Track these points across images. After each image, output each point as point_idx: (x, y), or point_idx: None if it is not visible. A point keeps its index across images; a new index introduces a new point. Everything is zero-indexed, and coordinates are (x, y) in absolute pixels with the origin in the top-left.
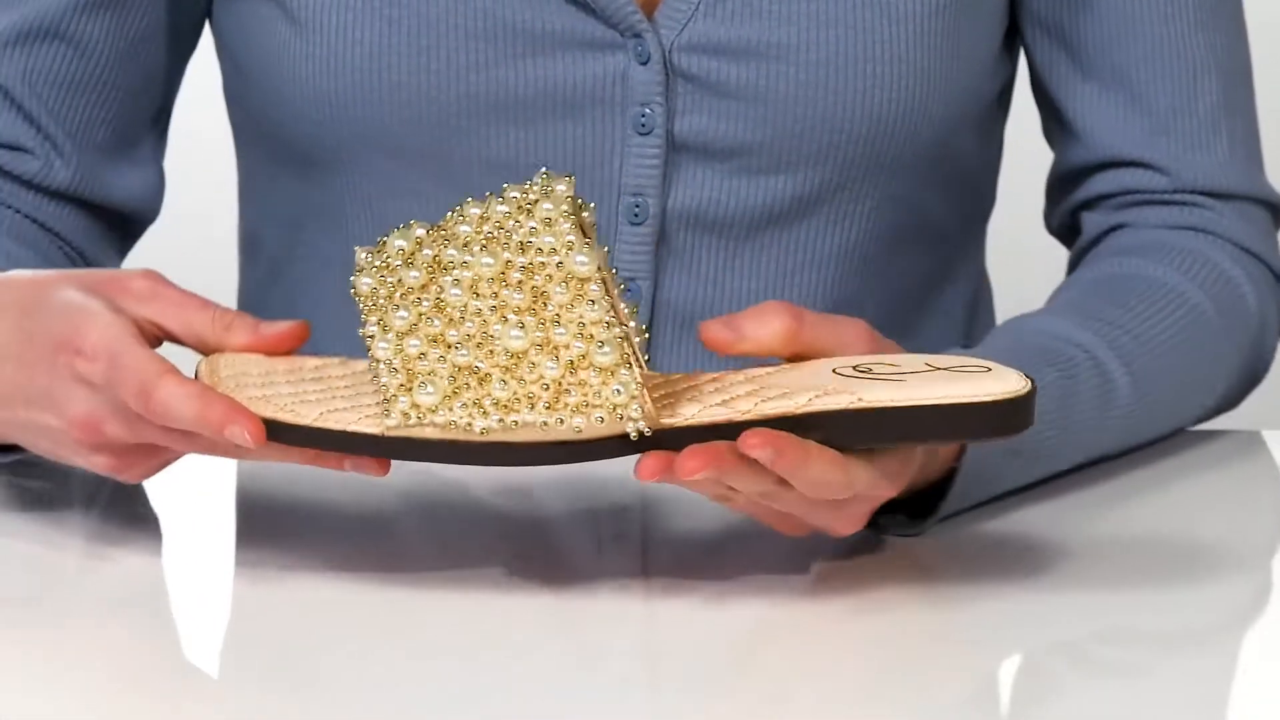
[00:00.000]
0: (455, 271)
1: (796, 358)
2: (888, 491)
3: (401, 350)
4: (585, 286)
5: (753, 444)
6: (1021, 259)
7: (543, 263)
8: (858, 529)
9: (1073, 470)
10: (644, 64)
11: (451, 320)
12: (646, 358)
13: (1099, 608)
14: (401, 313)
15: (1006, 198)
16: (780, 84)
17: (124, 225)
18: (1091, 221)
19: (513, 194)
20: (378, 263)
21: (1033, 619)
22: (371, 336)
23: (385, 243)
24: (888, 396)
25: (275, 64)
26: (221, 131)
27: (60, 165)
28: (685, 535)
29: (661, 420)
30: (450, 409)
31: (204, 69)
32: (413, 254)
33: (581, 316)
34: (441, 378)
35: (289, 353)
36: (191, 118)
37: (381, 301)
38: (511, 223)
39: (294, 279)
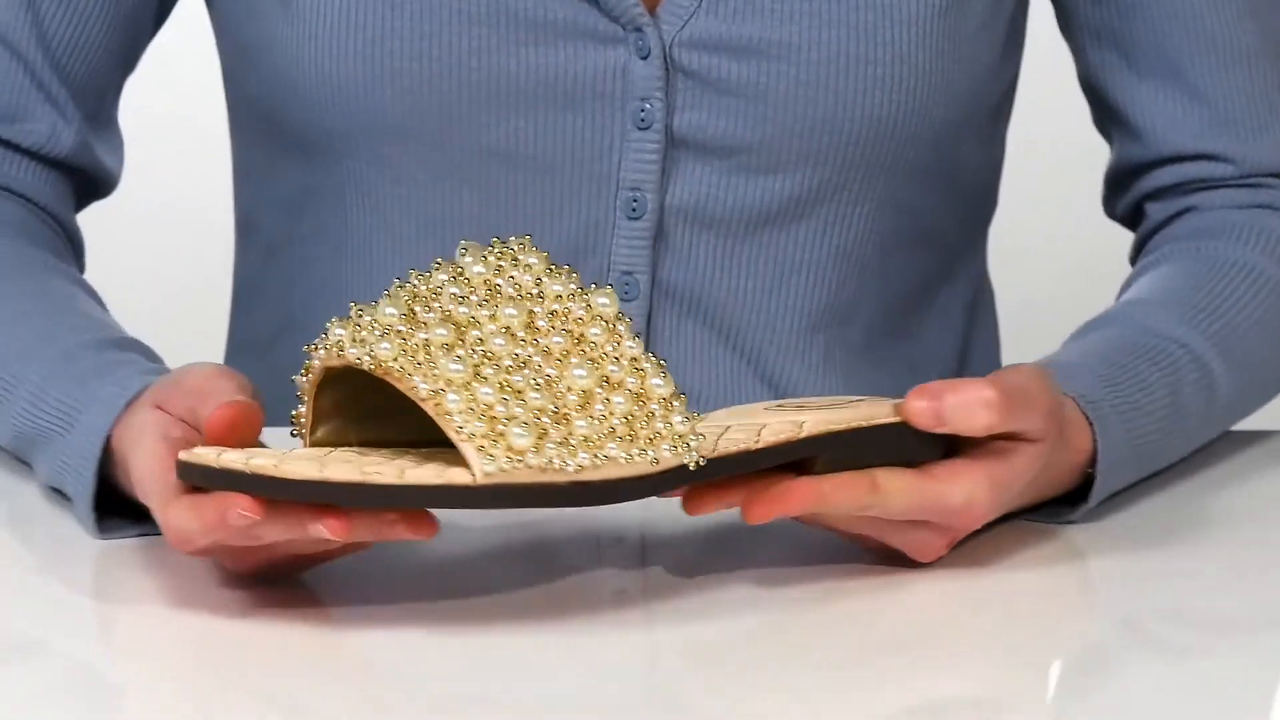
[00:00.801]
0: (486, 325)
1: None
2: (966, 522)
3: (475, 399)
4: (617, 325)
5: (758, 514)
6: (1022, 261)
7: (567, 309)
8: (938, 556)
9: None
10: (644, 59)
11: (509, 368)
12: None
13: (1158, 588)
14: (455, 366)
15: (1008, 200)
16: (780, 83)
17: (95, 192)
18: (1158, 210)
19: (479, 257)
20: (372, 334)
21: (1091, 595)
22: (435, 394)
23: (358, 316)
24: (854, 416)
25: (277, 47)
26: (220, 117)
27: (64, 129)
28: (685, 538)
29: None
30: (542, 450)
31: (201, 55)
32: (411, 316)
33: (625, 353)
34: (526, 420)
35: (237, 436)
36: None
37: (417, 363)
38: (505, 278)
39: (290, 262)
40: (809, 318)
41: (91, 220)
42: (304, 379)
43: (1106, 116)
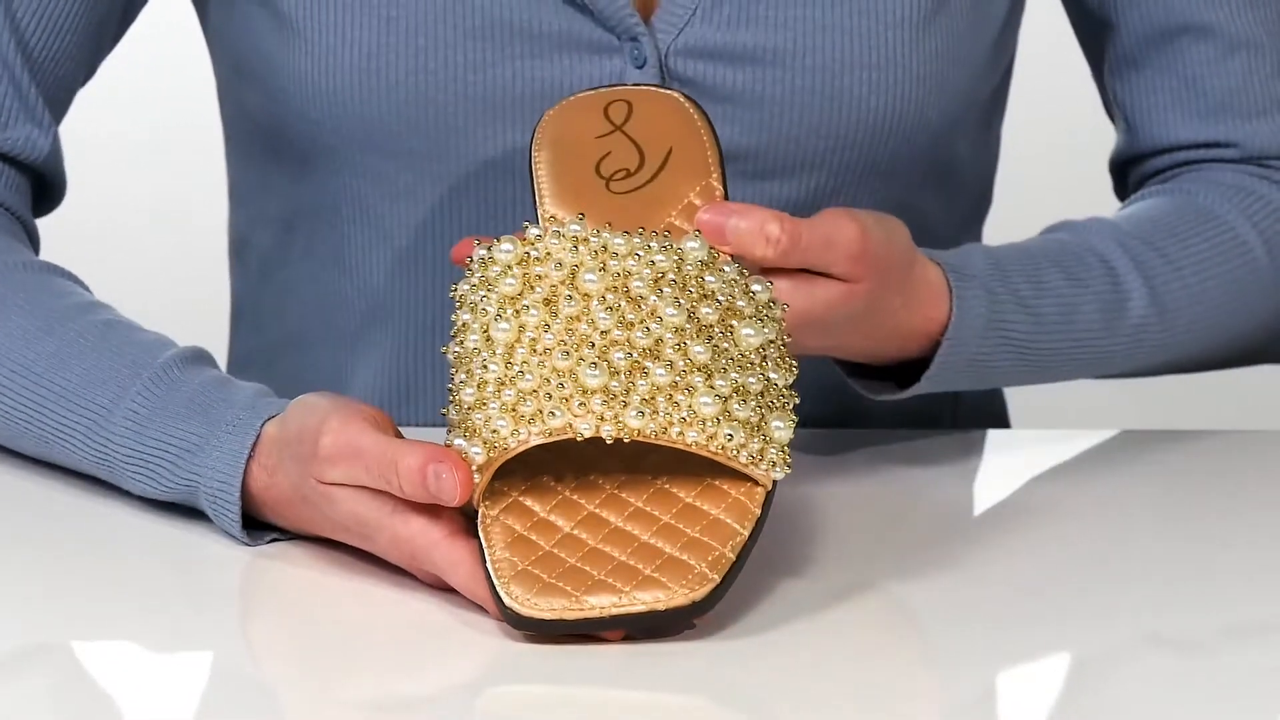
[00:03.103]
0: (668, 336)
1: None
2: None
3: (737, 418)
4: (714, 261)
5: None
6: None
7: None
8: None
9: (1095, 377)
10: (640, 68)
11: (725, 368)
12: None
13: (1163, 587)
14: (705, 400)
15: (1003, 199)
16: (776, 89)
17: (51, 201)
18: (1156, 183)
19: (569, 245)
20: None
21: (1095, 594)
22: (710, 438)
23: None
24: None
25: (272, 63)
26: (215, 135)
27: (40, 137)
28: None
29: None
30: (791, 432)
31: (196, 72)
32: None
33: (729, 282)
34: (774, 410)
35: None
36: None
37: (658, 425)
38: (611, 278)
39: (285, 280)
40: None
41: (90, 236)
42: (480, 451)
43: (1109, 106)
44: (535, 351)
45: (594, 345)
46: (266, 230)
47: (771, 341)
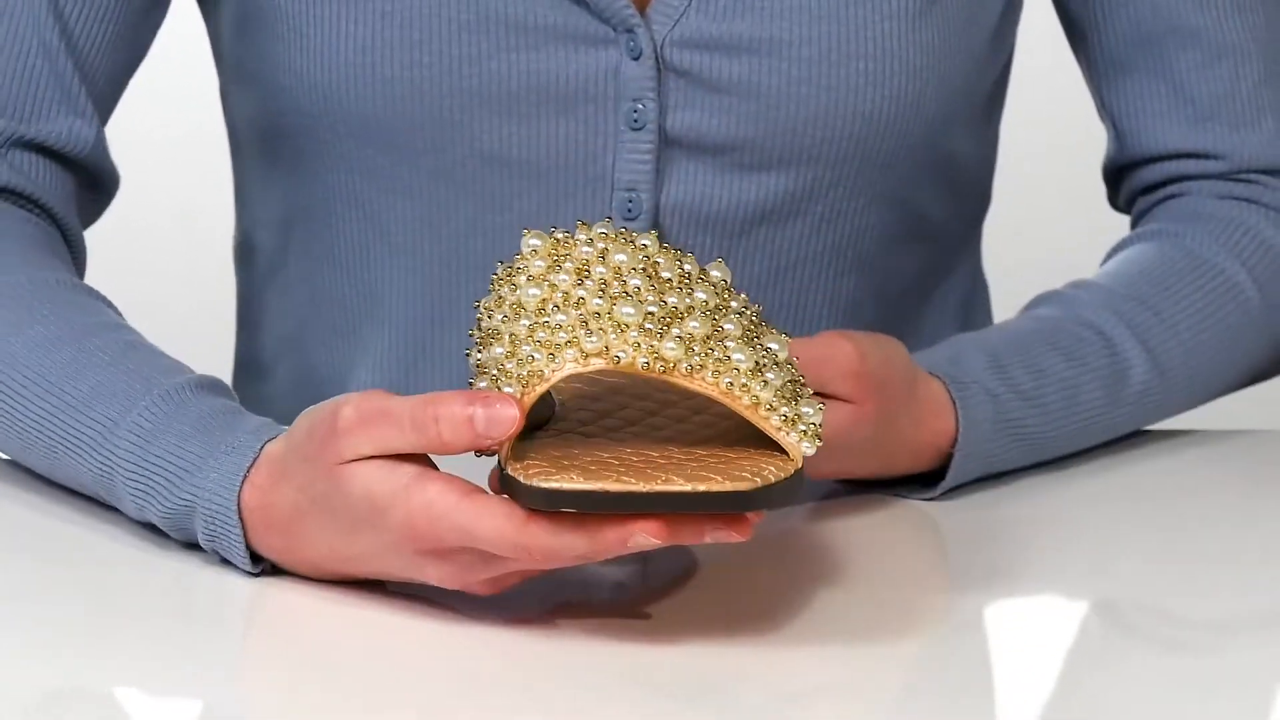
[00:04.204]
0: (702, 311)
1: None
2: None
3: (772, 386)
4: (735, 292)
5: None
6: (1019, 259)
7: (715, 286)
8: None
9: (1096, 447)
10: (636, 59)
11: (754, 349)
12: None
13: (1148, 585)
14: (739, 356)
15: (1003, 198)
16: (772, 80)
17: (103, 195)
18: (1146, 201)
19: (607, 245)
20: (623, 337)
21: (1082, 592)
22: (744, 389)
23: (586, 321)
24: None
25: (269, 60)
26: (223, 139)
27: (83, 129)
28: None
29: None
30: (821, 421)
31: (204, 73)
32: (642, 313)
33: (750, 311)
34: (806, 399)
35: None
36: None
37: (695, 362)
38: (650, 261)
39: (286, 280)
40: (808, 315)
41: (103, 238)
42: (513, 387)
43: (1099, 113)
44: (570, 303)
45: (627, 295)
46: (267, 232)
47: (791, 360)
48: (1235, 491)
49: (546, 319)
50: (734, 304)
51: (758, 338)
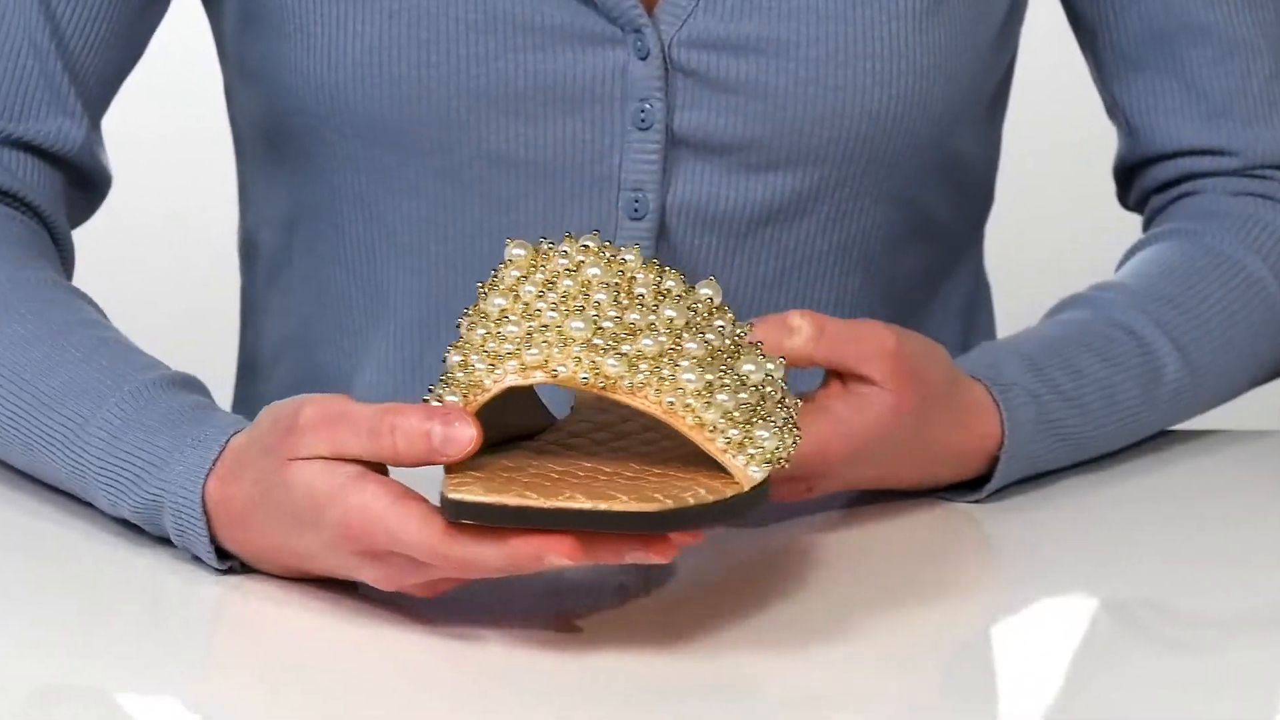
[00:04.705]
0: (664, 329)
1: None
2: (820, 468)
3: (720, 407)
4: (726, 311)
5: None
6: (1021, 260)
7: (694, 305)
8: (801, 499)
9: (1130, 446)
10: (643, 59)
11: (721, 371)
12: None
13: (1154, 584)
14: (689, 376)
15: (1006, 199)
16: (779, 80)
17: (95, 195)
18: (1160, 200)
19: (587, 257)
20: (566, 351)
21: (1094, 591)
22: (687, 408)
23: (534, 335)
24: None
25: (274, 59)
26: (226, 138)
27: (72, 128)
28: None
29: None
30: (779, 448)
31: (207, 74)
32: (596, 328)
33: (747, 338)
34: (774, 424)
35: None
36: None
37: (639, 379)
38: (626, 277)
39: (290, 279)
40: None
41: (96, 237)
42: (452, 395)
43: (1109, 111)
44: (526, 314)
45: (584, 310)
46: (272, 230)
47: (770, 382)
48: (1240, 490)
49: (499, 330)
50: (718, 323)
51: (731, 358)
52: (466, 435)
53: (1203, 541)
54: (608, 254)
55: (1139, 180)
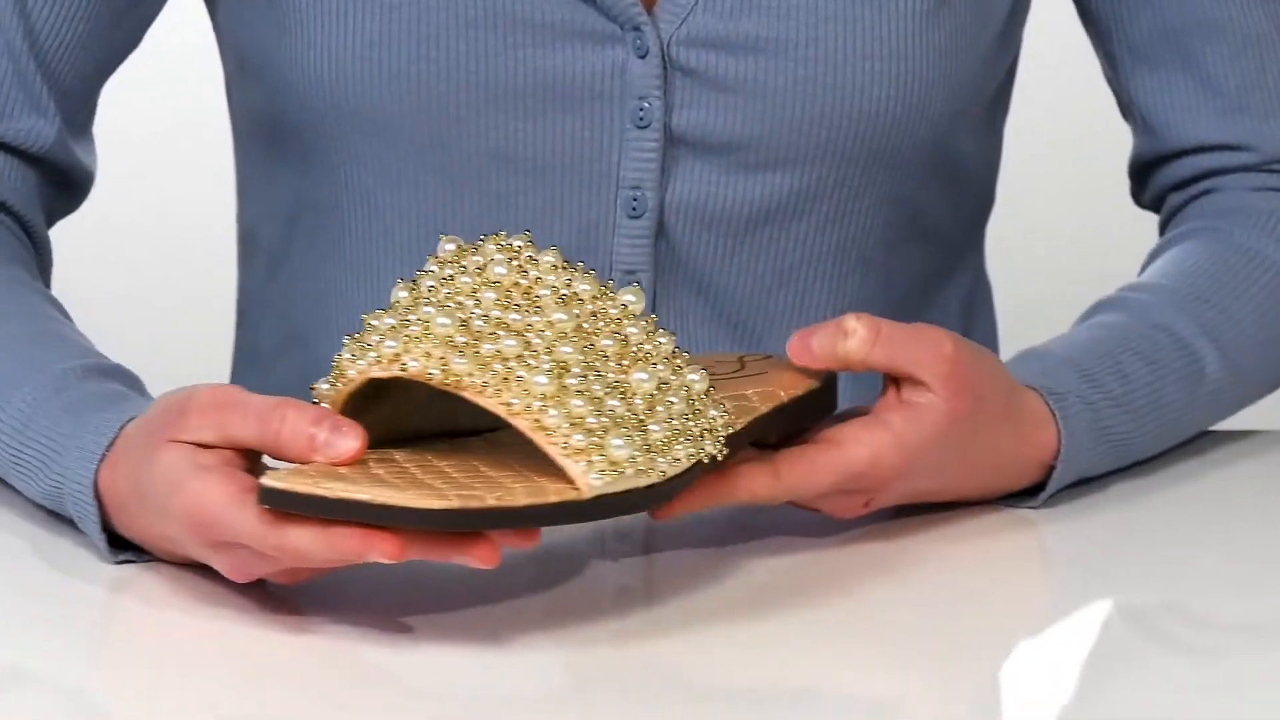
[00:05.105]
0: (543, 332)
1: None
2: (875, 482)
3: (570, 413)
4: (651, 321)
5: (667, 511)
6: (1022, 260)
7: (605, 309)
8: (859, 514)
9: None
10: (642, 57)
11: (589, 377)
12: None
13: (1170, 587)
14: (541, 379)
15: (1006, 199)
16: (778, 79)
17: (73, 194)
18: (1178, 198)
19: (500, 255)
20: (430, 346)
21: (1109, 593)
22: (528, 410)
23: (403, 326)
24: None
25: (274, 54)
26: (222, 132)
27: (44, 127)
28: (688, 535)
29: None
30: (636, 459)
31: (204, 69)
32: (467, 326)
33: (661, 350)
34: (617, 431)
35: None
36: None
37: (505, 379)
38: (531, 279)
39: (291, 273)
40: (812, 314)
41: (96, 233)
42: (327, 388)
43: (1124, 109)
44: (412, 308)
45: (462, 305)
46: (272, 225)
47: (673, 392)
48: (1254, 492)
49: (373, 321)
50: (630, 329)
51: (624, 365)
52: (346, 448)
53: (1261, 543)
54: (526, 254)
55: (1156, 177)
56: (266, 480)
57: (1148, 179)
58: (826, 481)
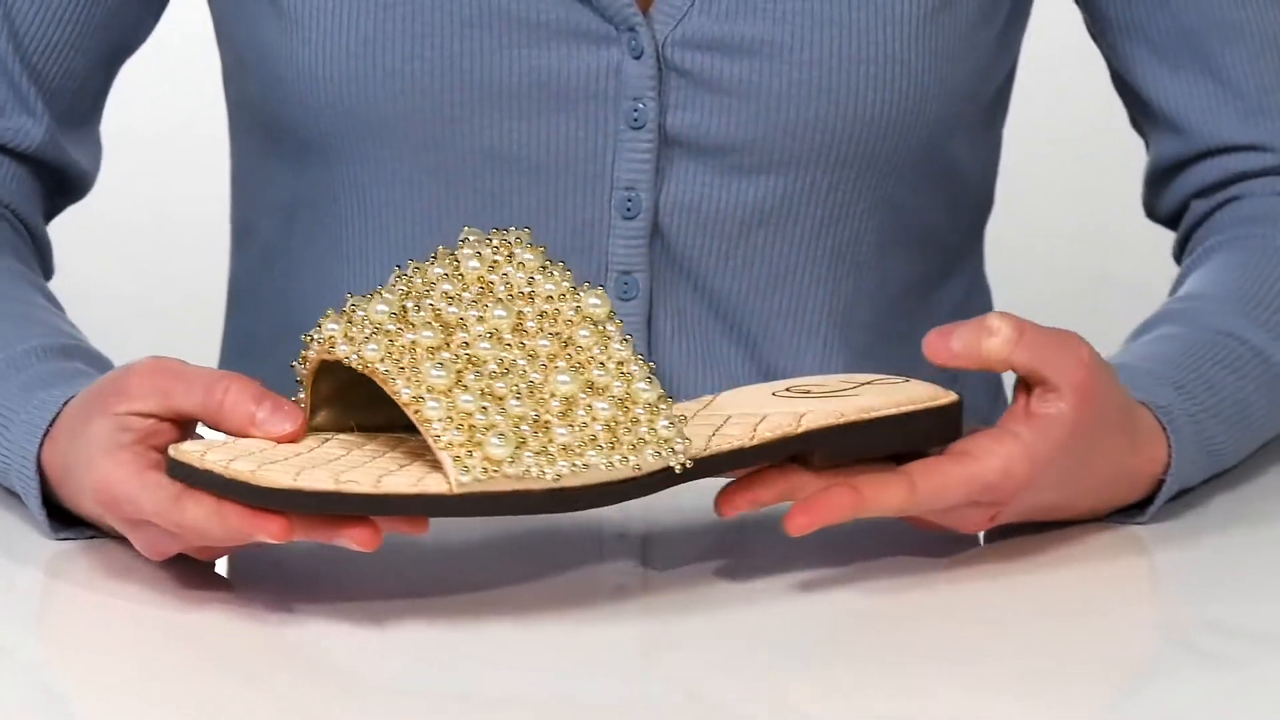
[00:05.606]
0: (473, 327)
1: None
2: (1004, 495)
3: (455, 407)
4: (607, 327)
5: (800, 525)
6: (1020, 263)
7: (557, 309)
8: (983, 528)
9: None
10: (637, 58)
11: (493, 374)
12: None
13: (1206, 597)
14: (436, 372)
15: (1005, 201)
16: (773, 82)
17: (68, 192)
18: (1202, 205)
19: (476, 249)
20: (362, 332)
21: (1140, 602)
22: (416, 400)
23: (352, 311)
24: (855, 408)
25: (271, 51)
26: (217, 123)
27: (32, 126)
28: (687, 535)
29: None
30: (519, 460)
31: (200, 59)
32: (403, 314)
33: (612, 356)
34: (504, 430)
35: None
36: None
37: (401, 367)
38: (498, 275)
39: (287, 266)
40: (808, 317)
41: (85, 223)
42: (301, 367)
43: (1142, 114)
44: (375, 300)
45: (411, 295)
46: (269, 217)
47: (593, 394)
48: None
49: (343, 308)
50: (582, 333)
51: (561, 365)
52: (281, 429)
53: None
54: (498, 249)
55: (1178, 182)
56: (174, 450)
57: (1168, 185)
58: (960, 494)
